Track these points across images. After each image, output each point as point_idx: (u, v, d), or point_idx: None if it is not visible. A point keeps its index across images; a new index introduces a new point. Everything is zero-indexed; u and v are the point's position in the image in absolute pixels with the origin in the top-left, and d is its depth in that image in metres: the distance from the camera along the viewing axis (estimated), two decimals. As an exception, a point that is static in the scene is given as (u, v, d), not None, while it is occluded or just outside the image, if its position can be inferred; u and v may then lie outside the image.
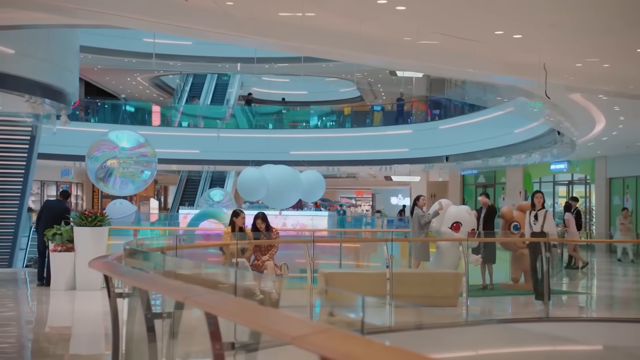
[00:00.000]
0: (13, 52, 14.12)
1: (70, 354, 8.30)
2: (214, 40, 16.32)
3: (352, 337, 2.22)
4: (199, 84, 33.96)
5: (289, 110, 33.68)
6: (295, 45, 9.84)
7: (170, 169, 30.36)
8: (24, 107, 15.54)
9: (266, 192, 18.91)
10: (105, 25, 12.04)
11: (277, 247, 10.80)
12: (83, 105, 30.54)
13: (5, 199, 17.27)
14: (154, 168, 17.44)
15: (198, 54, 27.18)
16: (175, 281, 3.77)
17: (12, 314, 11.00)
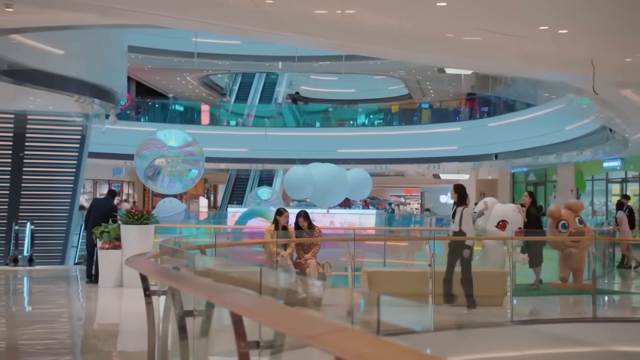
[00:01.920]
0: (62, 52, 14.40)
1: (118, 350, 8.43)
2: (254, 39, 16.43)
3: (368, 337, 2.19)
4: (248, 83, 34.18)
5: (336, 109, 33.67)
6: (334, 42, 9.83)
7: (219, 167, 30.61)
8: (74, 107, 15.83)
9: (312, 190, 18.93)
10: (148, 25, 12.21)
11: (319, 246, 10.81)
12: (134, 105, 31.03)
13: (57, 197, 17.62)
14: (202, 167, 17.60)
15: (245, 53, 27.39)
16: (203, 279, 3.79)
17: (62, 310, 11.22)
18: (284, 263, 10.40)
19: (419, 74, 30.49)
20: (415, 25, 9.03)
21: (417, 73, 30.33)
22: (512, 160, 27.24)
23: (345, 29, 8.79)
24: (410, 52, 10.41)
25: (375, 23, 9.05)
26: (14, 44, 12.51)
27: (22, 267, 16.19)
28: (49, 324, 9.91)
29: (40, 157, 17.34)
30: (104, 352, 8.39)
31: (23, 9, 9.41)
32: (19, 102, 16.33)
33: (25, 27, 11.15)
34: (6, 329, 9.55)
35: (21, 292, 13.90)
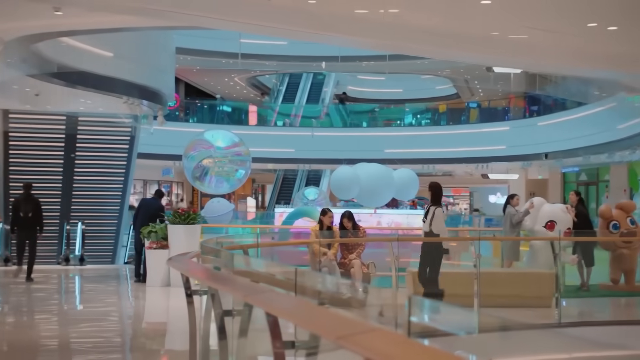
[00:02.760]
0: (111, 55, 14.63)
1: (165, 349, 8.52)
2: (297, 39, 16.45)
3: (398, 338, 2.17)
4: (295, 84, 34.28)
5: (383, 109, 33.56)
6: (377, 42, 9.78)
7: (266, 168, 30.77)
8: (123, 109, 16.07)
9: (359, 190, 18.90)
10: (194, 26, 12.34)
11: (364, 246, 10.78)
12: (183, 106, 31.38)
13: (107, 197, 17.90)
14: (248, 167, 17.72)
15: (291, 53, 27.51)
16: (241, 279, 3.80)
17: (111, 309, 11.40)
18: (328, 263, 10.39)
19: (466, 73, 30.21)
20: (459, 24, 8.94)
21: (465, 72, 30.06)
22: (562, 160, 26.78)
23: (389, 28, 8.75)
24: (455, 51, 10.30)
25: (419, 22, 8.99)
26: (63, 46, 12.76)
27: (73, 266, 16.52)
28: (97, 322, 10.07)
29: (90, 158, 17.63)
30: (152, 351, 8.49)
31: (71, 12, 9.59)
32: (70, 104, 16.64)
33: (74, 30, 11.36)
34: (58, 326, 9.74)
35: (72, 290, 14.17)
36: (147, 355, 8.18)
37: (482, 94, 34.08)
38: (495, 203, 40.02)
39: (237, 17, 8.91)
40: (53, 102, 16.37)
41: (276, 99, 34.08)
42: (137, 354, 8.15)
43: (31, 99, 15.88)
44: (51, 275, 15.11)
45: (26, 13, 9.76)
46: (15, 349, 8.26)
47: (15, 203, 14.36)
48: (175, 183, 36.20)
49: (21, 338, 8.97)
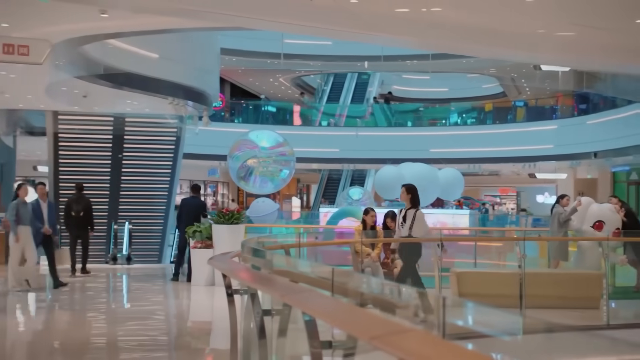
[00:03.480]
0: (157, 56, 14.79)
1: (210, 348, 8.58)
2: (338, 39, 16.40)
3: (432, 339, 2.14)
4: (340, 83, 34.28)
5: (428, 108, 33.35)
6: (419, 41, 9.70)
7: (311, 167, 30.82)
8: (168, 109, 16.22)
9: (403, 190, 18.77)
10: (237, 27, 12.40)
11: (407, 246, 10.69)
12: (228, 107, 31.60)
13: (154, 197, 18.10)
14: (293, 167, 17.76)
15: (335, 53, 27.52)
16: (280, 279, 3.80)
17: (156, 307, 11.54)
18: (371, 263, 10.36)
19: (513, 71, 29.83)
20: (503, 22, 8.82)
21: (512, 70, 29.68)
22: (612, 159, 26.25)
23: (431, 26, 8.68)
24: (499, 50, 10.17)
25: (462, 20, 8.90)
26: (110, 48, 12.95)
27: (120, 265, 16.76)
28: (144, 320, 10.20)
29: (137, 158, 17.84)
30: (196, 350, 8.56)
31: (117, 14, 9.72)
32: (117, 105, 16.86)
33: (120, 32, 11.52)
34: (106, 324, 9.89)
35: (120, 289, 14.37)
36: (192, 353, 8.25)
37: (529, 93, 33.62)
38: (543, 203, 39.47)
39: (278, 17, 8.93)
40: (100, 103, 16.61)
41: (321, 99, 34.11)
42: (182, 353, 8.22)
43: (79, 101, 16.13)
44: (99, 274, 15.36)
45: (73, 16, 9.92)
46: (64, 346, 8.41)
47: (68, 203, 15.21)
48: (221, 183, 36.50)
49: (70, 336, 9.13)
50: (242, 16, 8.98)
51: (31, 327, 10.11)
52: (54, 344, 8.61)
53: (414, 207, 9.48)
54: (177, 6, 8.72)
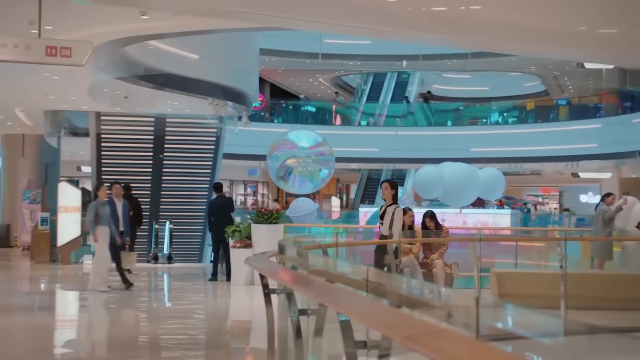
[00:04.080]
0: (197, 57, 14.91)
1: (250, 347, 8.61)
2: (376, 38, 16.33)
3: (465, 340, 2.11)
4: (379, 83, 34.18)
5: (469, 107, 33.08)
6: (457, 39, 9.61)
7: (350, 167, 30.79)
8: (208, 110, 16.34)
9: (443, 190, 18.68)
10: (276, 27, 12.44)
11: (446, 246, 10.64)
12: (268, 107, 31.72)
13: (194, 197, 18.23)
14: (332, 167, 17.76)
15: (374, 52, 27.46)
16: (316, 278, 3.79)
17: (196, 306, 11.63)
18: (410, 263, 10.31)
19: (555, 69, 29.45)
20: (543, 19, 8.69)
21: (554, 69, 29.31)
22: (658, 158, 25.77)
23: (469, 25, 8.60)
24: (540, 47, 10.03)
25: (501, 18, 8.79)
26: (150, 49, 13.09)
27: (161, 265, 16.93)
28: (183, 319, 10.29)
29: (178, 158, 17.99)
30: (236, 349, 8.60)
31: (157, 16, 9.82)
32: (157, 106, 17.04)
33: (160, 34, 11.64)
34: (147, 323, 9.99)
35: (161, 288, 14.52)
36: (231, 353, 8.29)
37: (572, 91, 33.16)
38: (587, 202, 38.89)
39: (317, 16, 8.94)
40: (142, 103, 16.80)
41: (360, 99, 34.06)
42: (221, 352, 8.26)
43: (121, 101, 16.34)
44: (141, 273, 15.52)
45: (114, 18, 10.05)
46: (106, 344, 8.53)
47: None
48: (260, 183, 36.68)
49: (112, 334, 9.25)
50: (280, 16, 9.01)
51: (73, 325, 10.27)
52: (96, 342, 8.73)
53: (394, 203, 9.13)
54: (216, 7, 8.78)
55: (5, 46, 8.46)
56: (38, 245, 17.12)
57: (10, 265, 17.84)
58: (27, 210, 20.23)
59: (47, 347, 8.24)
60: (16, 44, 8.47)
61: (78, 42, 8.77)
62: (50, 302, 12.19)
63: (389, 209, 9.03)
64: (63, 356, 7.91)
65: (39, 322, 10.01)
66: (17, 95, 16.01)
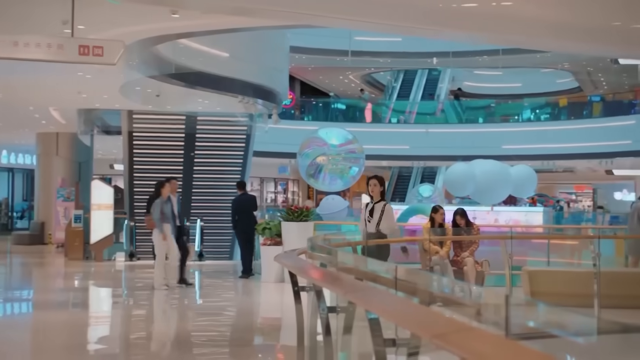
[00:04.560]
0: (227, 55, 14.96)
1: (280, 344, 8.63)
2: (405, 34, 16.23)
3: (494, 338, 2.10)
4: (410, 80, 34.05)
5: (500, 104, 32.81)
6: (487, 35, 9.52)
7: (380, 165, 30.72)
8: (238, 108, 16.40)
9: (474, 187, 18.58)
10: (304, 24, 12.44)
11: (477, 243, 10.56)
12: (298, 104, 31.75)
13: (225, 194, 18.30)
14: (362, 164, 17.74)
15: (405, 50, 27.36)
16: (344, 276, 3.79)
17: (226, 303, 11.69)
18: (440, 261, 10.26)
19: (589, 65, 29.09)
20: (576, 14, 8.58)
21: (588, 65, 28.96)
22: (694, 155, 25.37)
23: (500, 20, 8.52)
24: (572, 44, 9.89)
25: (533, 14, 8.69)
26: (181, 48, 13.17)
27: (192, 262, 17.03)
28: (214, 316, 10.35)
29: (209, 156, 18.08)
30: (266, 346, 8.63)
31: (188, 14, 9.88)
32: (188, 104, 17.15)
33: (191, 32, 11.70)
34: (178, 320, 10.06)
35: (192, 285, 14.61)
36: (261, 349, 8.32)
37: (606, 87, 32.73)
38: (622, 200, 38.39)
39: (346, 14, 8.92)
40: (173, 102, 16.91)
41: (391, 96, 33.96)
42: (251, 349, 8.30)
43: (153, 100, 16.47)
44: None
45: (145, 17, 10.13)
46: (138, 340, 8.61)
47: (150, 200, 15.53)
48: (291, 180, 36.74)
49: (144, 330, 9.34)
50: (310, 14, 9.01)
51: (106, 322, 10.39)
52: (128, 338, 8.81)
53: (382, 200, 8.66)
54: (245, 5, 8.80)
55: (39, 46, 8.57)
56: (72, 243, 17.34)
57: (45, 262, 18.09)
58: (61, 207, 20.50)
59: (81, 343, 8.34)
60: (50, 44, 8.57)
61: (110, 41, 8.85)
62: (84, 299, 12.34)
63: (377, 205, 8.54)
64: (96, 352, 8.00)
65: (73, 318, 10.14)
66: (51, 94, 16.22)
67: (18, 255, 19.73)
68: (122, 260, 17.19)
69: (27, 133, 22.81)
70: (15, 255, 19.95)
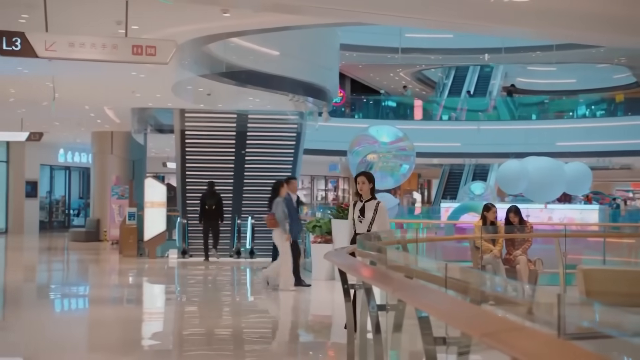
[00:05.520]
0: (278, 53, 15.02)
1: (331, 342, 8.64)
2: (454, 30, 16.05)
3: (546, 337, 2.06)
4: (461, 77, 33.76)
5: (554, 100, 32.29)
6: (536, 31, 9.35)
7: (431, 162, 30.53)
8: (289, 106, 16.45)
9: (527, 185, 18.33)
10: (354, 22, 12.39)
11: (530, 242, 10.40)
12: (349, 102, 31.74)
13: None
14: (412, 162, 17.65)
15: (456, 46, 27.13)
16: (394, 274, 3.77)
17: (277, 301, 11.74)
18: (492, 260, 10.13)
19: (647, 60, 28.44)
20: (633, 8, 8.38)
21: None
22: None
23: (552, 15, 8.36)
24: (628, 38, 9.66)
25: (585, 7, 8.52)
26: (232, 46, 13.26)
27: (244, 259, 17.18)
28: (264, 313, 10.42)
29: (259, 154, 18.18)
30: (316, 343, 8.64)
31: (238, 13, 9.94)
32: (239, 102, 17.26)
33: (242, 31, 11.77)
34: (231, 316, 10.15)
35: (244, 282, 14.73)
36: (312, 347, 8.34)
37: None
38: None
39: (396, 10, 8.87)
40: (224, 100, 17.05)
41: (442, 93, 33.72)
42: (302, 346, 8.33)
43: (204, 98, 16.63)
44: (224, 267, 15.81)
45: (196, 16, 10.23)
46: (190, 336, 8.71)
47: (202, 197, 16.76)
48: (341, 178, 36.75)
49: (196, 327, 9.44)
50: (360, 11, 8.99)
51: (159, 318, 10.53)
52: (181, 334, 8.92)
53: (373, 198, 7.97)
54: (296, 4, 8.82)
55: (94, 46, 8.73)
56: (126, 240, 17.62)
57: (101, 259, 18.43)
58: (116, 205, 20.85)
59: (135, 339, 8.48)
60: (104, 44, 8.72)
61: (162, 41, 8.96)
62: (138, 295, 12.53)
63: (368, 204, 7.83)
64: (150, 348, 8.12)
65: (127, 314, 10.31)
66: (106, 93, 16.50)
67: (75, 251, 20.15)
68: (175, 257, 17.42)
69: (83, 132, 23.27)
70: (72, 251, 20.38)
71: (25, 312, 10.33)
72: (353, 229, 7.83)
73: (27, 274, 15.92)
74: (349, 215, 8.03)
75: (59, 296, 12.27)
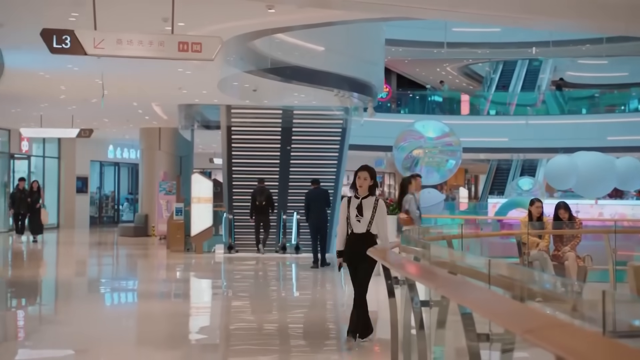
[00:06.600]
0: (323, 49, 15.00)
1: (376, 337, 8.61)
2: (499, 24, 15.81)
3: (589, 334, 2.02)
4: (509, 71, 33.35)
5: (605, 94, 31.69)
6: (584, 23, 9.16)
7: (478, 157, 30.23)
8: (334, 101, 16.43)
9: (576, 180, 18.03)
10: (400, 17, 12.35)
11: (579, 238, 10.22)
12: (394, 97, 31.60)
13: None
14: (459, 157, 17.52)
15: (503, 40, 26.81)
16: (437, 270, 3.74)
17: (322, 296, 11.76)
18: (539, 256, 9.99)
19: None
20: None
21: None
22: None
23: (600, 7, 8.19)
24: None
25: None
26: (277, 42, 13.29)
27: (290, 255, 17.24)
28: (310, 308, 10.44)
29: (305, 150, 18.20)
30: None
31: (283, 9, 9.96)
32: (284, 98, 17.30)
33: (287, 27, 11.79)
34: (277, 311, 10.19)
35: (289, 278, 14.78)
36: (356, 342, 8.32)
37: None
38: None
39: (443, 5, 8.79)
40: (269, 96, 17.10)
41: (489, 88, 33.37)
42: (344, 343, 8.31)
43: (250, 94, 16.70)
44: (269, 262, 15.89)
45: (242, 12, 10.28)
46: (236, 331, 8.78)
47: (253, 194, 17.09)
48: (387, 174, 36.63)
49: (242, 321, 9.51)
50: (405, 6, 8.93)
51: (206, 312, 10.63)
52: (228, 329, 8.99)
53: (371, 195, 7.29)
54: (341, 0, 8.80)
55: (141, 43, 8.82)
56: (173, 235, 17.83)
57: (149, 254, 18.68)
58: (164, 201, 21.11)
59: (182, 333, 8.58)
60: (151, 41, 8.81)
61: (208, 38, 9.02)
62: (185, 290, 12.67)
63: (366, 201, 7.19)
64: (198, 342, 8.20)
65: (175, 308, 10.43)
66: (154, 90, 16.69)
67: (123, 246, 20.47)
68: (222, 252, 17.57)
69: (131, 128, 23.60)
70: (121, 246, 20.71)
71: (76, 305, 10.53)
72: (347, 229, 7.20)
73: (78, 269, 16.24)
74: (341, 214, 7.31)
75: (109, 290, 12.48)
